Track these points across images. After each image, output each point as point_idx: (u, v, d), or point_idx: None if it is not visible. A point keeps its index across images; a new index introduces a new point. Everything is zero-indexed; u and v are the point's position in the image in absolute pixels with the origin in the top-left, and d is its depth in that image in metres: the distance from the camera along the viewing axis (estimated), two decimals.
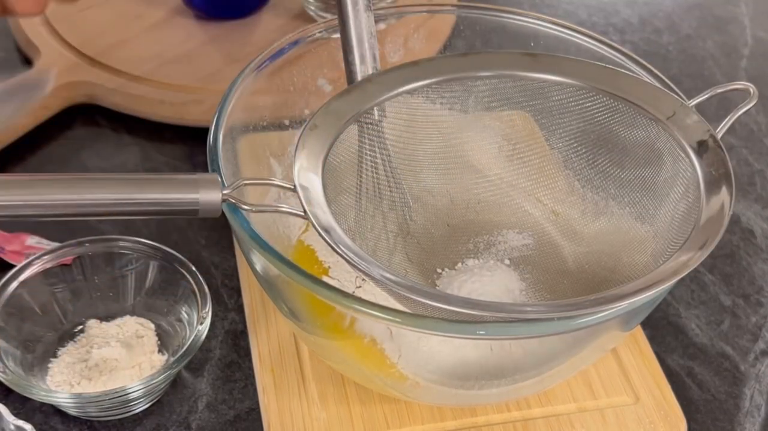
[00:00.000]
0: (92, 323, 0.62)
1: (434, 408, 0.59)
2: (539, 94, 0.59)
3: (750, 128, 0.84)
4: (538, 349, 0.54)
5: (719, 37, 0.95)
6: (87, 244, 0.62)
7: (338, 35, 0.61)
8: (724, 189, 0.52)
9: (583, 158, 0.60)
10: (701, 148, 0.54)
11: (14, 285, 0.60)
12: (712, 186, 0.53)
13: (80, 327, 0.62)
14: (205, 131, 0.56)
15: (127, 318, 0.62)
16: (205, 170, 0.53)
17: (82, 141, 0.78)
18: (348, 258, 0.48)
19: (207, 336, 0.59)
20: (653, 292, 0.48)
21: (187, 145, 0.78)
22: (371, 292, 0.58)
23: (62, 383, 0.59)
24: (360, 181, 0.59)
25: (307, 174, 0.52)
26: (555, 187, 0.62)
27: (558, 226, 0.63)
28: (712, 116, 0.60)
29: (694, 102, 0.57)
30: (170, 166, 0.76)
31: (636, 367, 0.62)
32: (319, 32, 0.64)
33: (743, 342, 0.67)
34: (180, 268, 0.61)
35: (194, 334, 0.58)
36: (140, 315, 0.62)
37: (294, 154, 0.53)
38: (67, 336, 0.61)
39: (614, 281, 0.56)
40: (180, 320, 0.61)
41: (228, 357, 0.63)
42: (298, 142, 0.53)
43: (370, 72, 0.60)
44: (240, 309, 0.65)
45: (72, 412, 0.59)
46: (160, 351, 0.61)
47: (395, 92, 0.58)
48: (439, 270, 0.61)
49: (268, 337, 0.62)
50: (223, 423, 0.59)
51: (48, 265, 0.61)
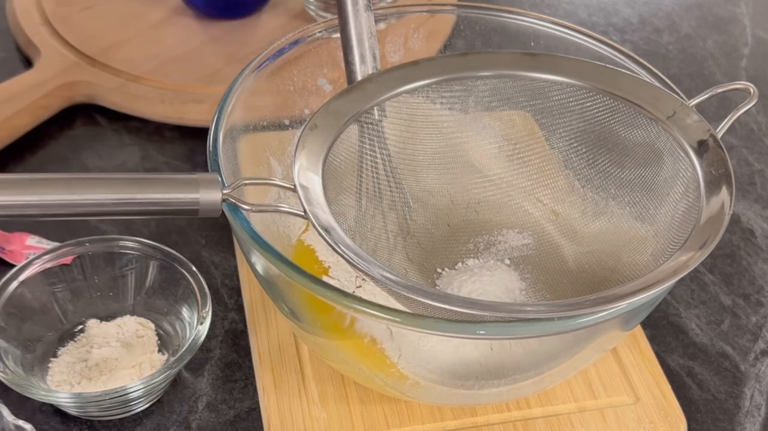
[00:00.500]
0: (92, 322, 0.62)
1: (434, 408, 0.59)
2: (539, 94, 0.59)
3: (750, 128, 0.84)
4: (538, 349, 0.54)
5: (719, 36, 0.95)
6: (87, 244, 0.62)
7: (338, 35, 0.61)
8: (725, 189, 0.52)
9: (583, 158, 0.60)
10: (701, 148, 0.54)
11: (14, 285, 0.60)
12: (713, 186, 0.53)
13: (80, 327, 0.62)
14: (205, 131, 0.56)
15: (127, 318, 0.62)
16: (205, 170, 0.53)
17: (82, 141, 0.78)
18: (348, 258, 0.48)
19: (207, 336, 0.59)
20: (653, 292, 0.48)
21: (187, 145, 0.78)
22: (371, 292, 0.58)
23: (62, 383, 0.59)
24: (360, 181, 0.59)
25: (307, 174, 0.52)
26: (555, 187, 0.62)
27: (558, 226, 0.63)
28: (712, 116, 0.60)
29: (694, 102, 0.57)
30: (170, 166, 0.76)
31: (636, 367, 0.62)
32: (319, 32, 0.64)
33: (743, 342, 0.67)
34: (180, 268, 0.61)
35: (194, 334, 0.58)
36: (140, 315, 0.62)
37: (294, 154, 0.53)
38: (67, 336, 0.61)
39: (614, 281, 0.56)
40: (180, 319, 0.61)
41: (228, 357, 0.63)
42: (298, 142, 0.53)
43: (370, 72, 0.60)
44: (240, 309, 0.65)
45: (72, 412, 0.59)
46: (160, 351, 0.61)
47: (395, 92, 0.58)
48: (439, 270, 0.61)
49: (268, 337, 0.62)
50: (223, 423, 0.59)
51: (48, 265, 0.61)
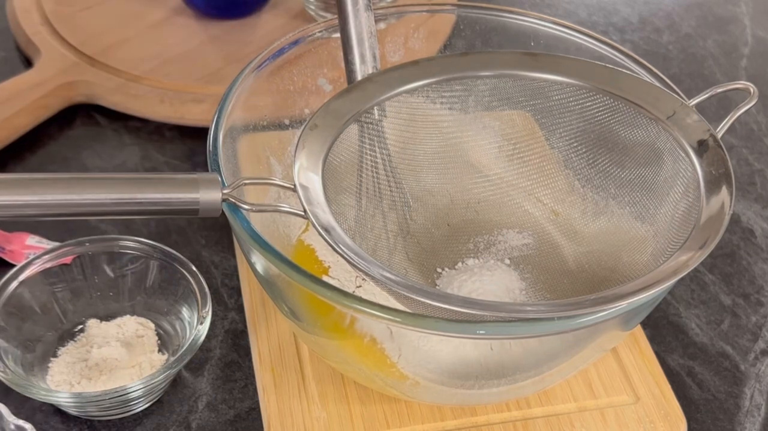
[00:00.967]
0: (92, 322, 0.62)
1: (434, 408, 0.59)
2: (539, 93, 0.59)
3: (750, 128, 0.84)
4: (538, 348, 0.54)
5: (719, 36, 0.95)
6: (87, 243, 0.62)
7: (338, 35, 0.61)
8: (725, 189, 0.52)
9: (583, 158, 0.60)
10: (701, 147, 0.54)
11: (14, 285, 0.60)
12: (713, 186, 0.53)
13: (80, 327, 0.62)
14: (205, 131, 0.56)
15: (127, 318, 0.62)
16: (205, 170, 0.53)
17: (82, 141, 0.78)
18: (348, 258, 0.48)
19: (207, 336, 0.59)
20: (653, 292, 0.48)
21: (187, 144, 0.78)
22: (371, 291, 0.58)
23: (62, 382, 0.59)
24: (360, 180, 0.59)
25: (307, 174, 0.52)
26: (555, 186, 0.62)
27: (558, 226, 0.63)
28: (712, 116, 0.60)
29: (694, 102, 0.57)
30: (170, 165, 0.76)
31: (636, 367, 0.62)
32: (319, 32, 0.64)
33: (743, 342, 0.67)
34: (180, 268, 0.61)
35: (194, 334, 0.58)
36: (140, 315, 0.62)
37: (294, 153, 0.53)
38: (67, 336, 0.61)
39: (614, 280, 0.56)
40: (180, 319, 0.61)
41: (228, 357, 0.63)
42: (298, 141, 0.53)
43: (370, 72, 0.60)
44: (240, 309, 0.65)
45: (72, 412, 0.59)
46: (160, 351, 0.61)
47: (395, 92, 0.58)
48: (439, 270, 0.61)
49: (268, 337, 0.62)
50: (223, 423, 0.59)
51: (48, 265, 0.61)
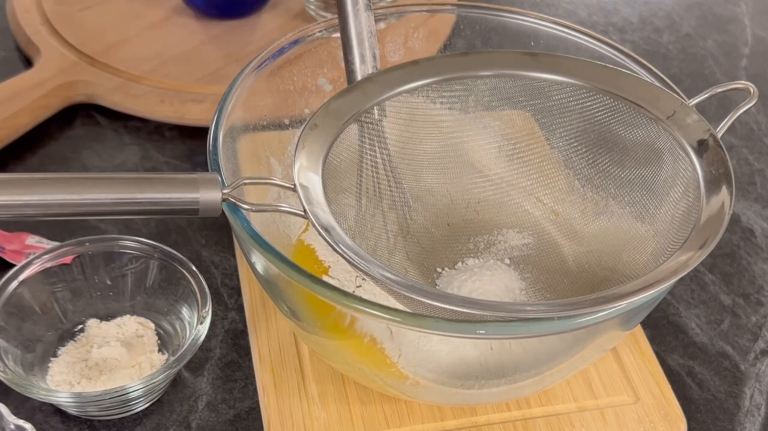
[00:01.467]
0: (92, 322, 0.62)
1: (434, 408, 0.59)
2: (539, 93, 0.59)
3: (750, 128, 0.84)
4: (538, 348, 0.54)
5: (719, 36, 0.95)
6: (87, 243, 0.62)
7: (338, 35, 0.61)
8: (725, 188, 0.52)
9: (583, 158, 0.60)
10: (701, 147, 0.54)
11: (14, 285, 0.60)
12: (713, 185, 0.53)
13: (80, 327, 0.62)
14: (205, 131, 0.56)
15: (127, 318, 0.62)
16: (205, 170, 0.53)
17: (82, 140, 0.78)
18: (348, 257, 0.48)
19: (207, 336, 0.59)
20: (653, 292, 0.48)
21: (187, 144, 0.78)
22: (371, 291, 0.58)
23: (62, 382, 0.59)
24: (360, 180, 0.59)
25: (307, 173, 0.52)
26: (555, 186, 0.62)
27: (558, 225, 0.63)
28: (713, 116, 0.60)
29: (695, 101, 0.57)
30: (170, 165, 0.76)
31: (636, 366, 0.62)
32: (319, 32, 0.64)
33: (743, 342, 0.67)
34: (180, 267, 0.61)
35: (194, 334, 0.58)
36: (140, 315, 0.62)
37: (294, 153, 0.53)
38: (67, 336, 0.61)
39: (614, 280, 0.56)
40: (180, 319, 0.61)
41: (228, 357, 0.63)
42: (298, 141, 0.53)
43: (370, 71, 0.60)
44: (240, 309, 0.65)
45: (72, 412, 0.59)
46: (160, 351, 0.61)
47: (395, 92, 0.58)
48: (439, 269, 0.61)
49: (268, 337, 0.62)
50: (223, 423, 0.59)
51: (48, 264, 0.61)
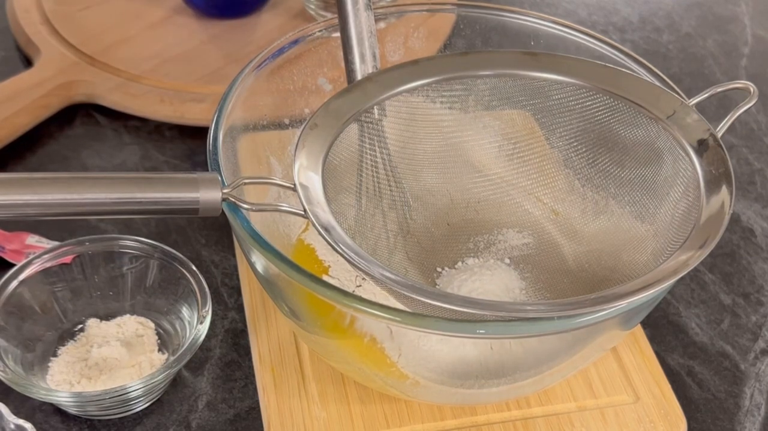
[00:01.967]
0: (92, 322, 0.62)
1: (434, 407, 0.59)
2: (539, 93, 0.59)
3: (750, 127, 0.84)
4: (538, 348, 0.54)
5: (719, 35, 0.95)
6: (87, 243, 0.62)
7: (338, 34, 0.61)
8: (724, 188, 0.52)
9: (583, 157, 0.60)
10: (701, 147, 0.54)
11: (14, 284, 0.60)
12: (713, 185, 0.53)
13: (80, 326, 0.62)
14: (205, 130, 0.56)
15: (127, 317, 0.62)
16: (205, 169, 0.53)
17: (82, 140, 0.78)
18: (348, 257, 0.48)
19: (207, 335, 0.59)
20: (653, 291, 0.48)
21: (187, 144, 0.78)
22: (371, 291, 0.58)
23: (62, 382, 0.59)
24: (360, 180, 0.59)
25: (307, 173, 0.52)
26: (555, 186, 0.62)
27: (558, 225, 0.63)
28: (713, 115, 0.60)
29: (695, 101, 0.57)
30: (170, 165, 0.76)
31: (636, 366, 0.62)
32: (319, 31, 0.64)
33: (743, 341, 0.67)
34: (180, 267, 0.61)
35: (194, 333, 0.58)
36: (140, 314, 0.62)
37: (294, 153, 0.53)
38: (67, 335, 0.61)
39: (614, 280, 0.56)
40: (180, 319, 0.61)
41: (228, 356, 0.63)
42: (298, 141, 0.53)
43: (370, 71, 0.60)
44: (240, 308, 0.65)
45: (72, 411, 0.59)
46: (160, 350, 0.61)
47: (395, 91, 0.58)
48: (439, 269, 0.61)
49: (268, 336, 0.62)
50: (223, 422, 0.59)
51: (48, 264, 0.61)
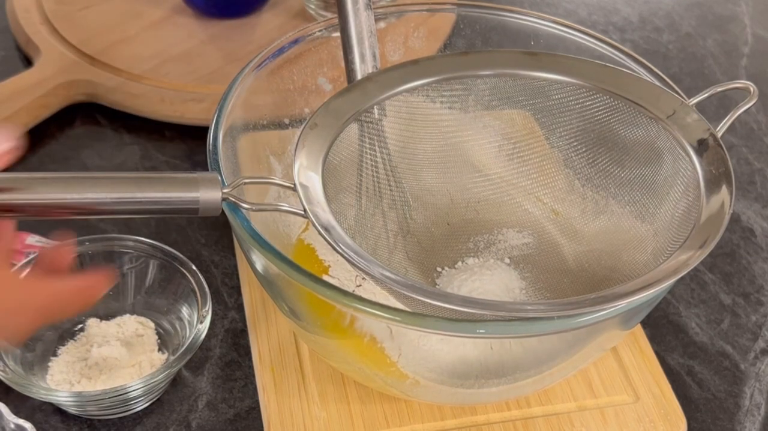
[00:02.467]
0: (92, 322, 0.62)
1: (434, 407, 0.59)
2: (539, 92, 0.59)
3: (750, 127, 0.84)
4: (538, 348, 0.54)
5: (719, 35, 0.95)
6: (87, 243, 0.62)
7: (338, 34, 0.61)
8: (725, 188, 0.52)
9: (583, 157, 0.60)
10: (701, 146, 0.54)
11: None
12: (713, 185, 0.53)
13: (80, 326, 0.62)
14: (205, 130, 0.56)
15: (127, 317, 0.62)
16: (205, 169, 0.53)
17: (82, 140, 0.78)
18: (348, 257, 0.48)
19: (207, 335, 0.59)
20: (653, 291, 0.48)
21: (187, 144, 0.78)
22: (371, 291, 0.58)
23: (62, 382, 0.59)
24: (360, 180, 0.59)
25: (307, 173, 0.52)
26: (555, 186, 0.62)
27: (558, 225, 0.63)
28: (713, 115, 0.60)
29: (695, 101, 0.57)
30: (170, 165, 0.76)
31: (636, 366, 0.62)
32: (319, 31, 0.64)
33: (743, 341, 0.67)
34: (180, 267, 0.61)
35: (194, 333, 0.58)
36: (140, 314, 0.62)
37: (294, 153, 0.53)
38: (67, 335, 0.61)
39: (614, 279, 0.56)
40: (180, 319, 0.61)
41: (228, 356, 0.63)
42: (298, 140, 0.53)
43: (370, 71, 0.60)
44: (240, 308, 0.65)
45: (72, 411, 0.59)
46: (160, 350, 0.61)
47: (395, 91, 0.58)
48: (439, 269, 0.61)
49: (268, 336, 0.62)
50: (223, 422, 0.59)
51: None
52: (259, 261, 0.53)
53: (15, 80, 0.78)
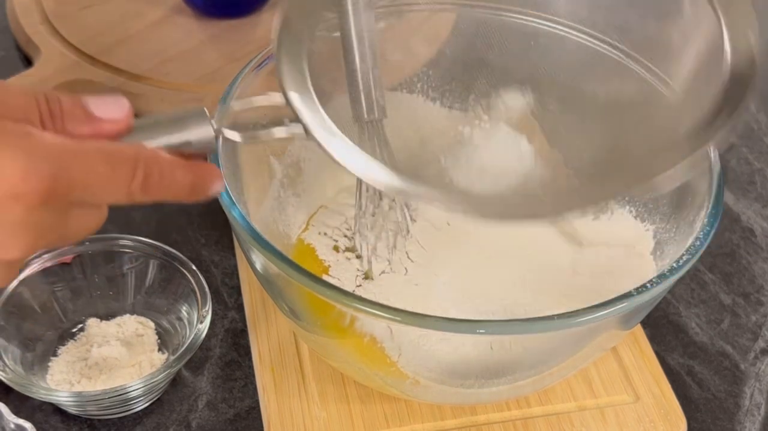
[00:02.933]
0: (92, 321, 0.62)
1: (434, 407, 0.59)
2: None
3: (750, 127, 0.84)
4: (538, 348, 0.54)
5: None
6: (87, 242, 0.62)
7: (338, 34, 0.61)
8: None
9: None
10: None
11: (14, 284, 0.60)
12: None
13: (80, 326, 0.62)
14: None
15: (127, 317, 0.62)
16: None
17: None
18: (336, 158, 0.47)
19: (207, 335, 0.59)
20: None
21: None
22: (371, 291, 0.58)
23: (62, 381, 0.59)
24: (360, 180, 0.59)
25: (294, 80, 0.50)
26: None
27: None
28: None
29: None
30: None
31: (636, 366, 0.62)
32: (319, 31, 0.64)
33: (743, 341, 0.67)
34: (180, 267, 0.61)
35: (194, 333, 0.58)
36: (140, 314, 0.62)
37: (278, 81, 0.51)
38: (67, 335, 0.61)
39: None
40: (180, 318, 0.61)
41: (228, 356, 0.63)
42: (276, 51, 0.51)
43: (371, 71, 0.60)
44: (240, 308, 0.65)
45: (72, 411, 0.59)
46: (160, 350, 0.61)
47: None
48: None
49: (268, 336, 0.62)
50: (223, 422, 0.59)
51: (48, 264, 0.61)
52: (259, 261, 0.53)
53: (15, 80, 0.78)
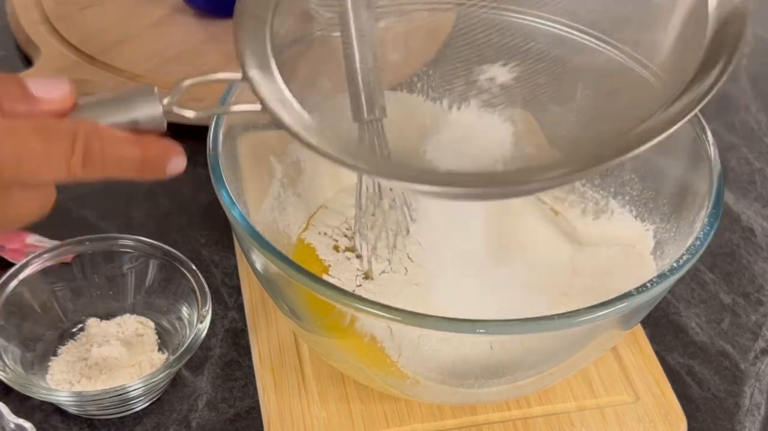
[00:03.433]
0: (92, 321, 0.62)
1: (434, 407, 0.59)
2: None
3: (750, 127, 0.84)
4: (538, 347, 0.54)
5: None
6: (87, 242, 0.62)
7: (338, 34, 0.61)
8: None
9: None
10: None
11: (14, 284, 0.60)
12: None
13: (80, 326, 0.62)
14: (205, 130, 0.56)
15: (127, 317, 0.62)
16: (206, 169, 0.53)
17: None
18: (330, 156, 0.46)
19: (207, 335, 0.59)
20: (654, 293, 0.47)
21: (187, 144, 0.77)
22: (371, 290, 0.58)
23: (62, 381, 0.59)
24: (360, 180, 0.59)
25: (252, 53, 0.50)
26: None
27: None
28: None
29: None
30: None
31: (636, 366, 0.62)
32: (319, 31, 0.64)
33: (743, 341, 0.67)
34: (180, 266, 0.61)
35: (194, 333, 0.58)
36: (140, 314, 0.62)
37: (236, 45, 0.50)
38: (67, 335, 0.61)
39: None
40: (180, 318, 0.61)
41: (228, 356, 0.63)
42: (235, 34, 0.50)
43: (371, 71, 0.60)
44: (240, 308, 0.65)
45: (72, 411, 0.59)
46: (160, 350, 0.61)
47: None
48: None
49: (268, 336, 0.62)
50: (223, 422, 0.59)
51: (48, 263, 0.61)
52: (259, 261, 0.53)
53: None
